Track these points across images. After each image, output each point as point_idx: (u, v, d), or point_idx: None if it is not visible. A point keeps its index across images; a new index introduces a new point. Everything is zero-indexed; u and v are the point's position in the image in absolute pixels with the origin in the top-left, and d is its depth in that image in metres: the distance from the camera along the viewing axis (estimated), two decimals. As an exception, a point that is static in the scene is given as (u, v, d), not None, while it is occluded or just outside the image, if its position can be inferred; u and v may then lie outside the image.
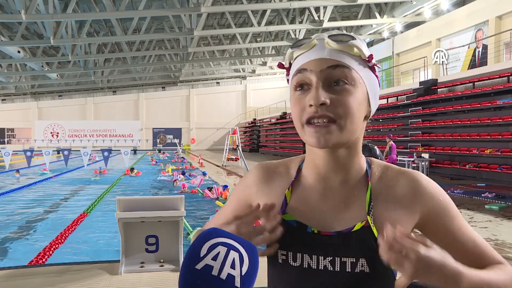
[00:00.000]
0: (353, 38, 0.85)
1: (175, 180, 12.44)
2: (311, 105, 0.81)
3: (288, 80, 0.91)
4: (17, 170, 14.98)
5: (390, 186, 0.88)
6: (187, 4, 21.38)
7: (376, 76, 0.90)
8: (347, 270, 0.81)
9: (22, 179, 13.92)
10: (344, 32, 0.87)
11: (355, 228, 0.83)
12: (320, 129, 0.81)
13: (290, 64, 0.91)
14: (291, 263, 0.85)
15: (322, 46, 0.84)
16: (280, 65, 0.93)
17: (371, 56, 0.86)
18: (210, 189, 9.93)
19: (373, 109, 0.90)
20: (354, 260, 0.81)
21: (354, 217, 0.85)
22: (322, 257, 0.83)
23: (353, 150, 0.88)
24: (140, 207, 3.86)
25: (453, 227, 0.87)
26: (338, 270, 0.82)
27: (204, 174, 14.16)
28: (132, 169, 15.21)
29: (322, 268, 0.83)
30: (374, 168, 0.92)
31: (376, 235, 0.81)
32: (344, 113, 0.81)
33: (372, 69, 0.88)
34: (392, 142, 15.35)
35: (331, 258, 0.83)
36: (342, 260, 0.82)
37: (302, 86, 0.85)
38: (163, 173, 15.09)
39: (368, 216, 0.84)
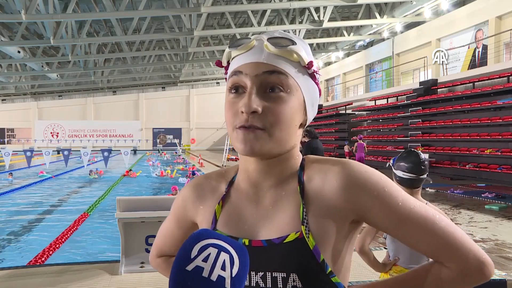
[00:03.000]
0: (294, 43, 0.80)
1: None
2: (242, 112, 0.77)
3: (226, 79, 0.86)
4: (10, 173, 14.50)
5: (321, 185, 0.80)
6: (187, 4, 21.38)
7: (316, 83, 0.85)
8: (279, 286, 0.75)
9: (22, 179, 13.92)
10: (286, 35, 0.82)
11: (288, 240, 0.76)
12: (248, 134, 0.77)
13: (228, 63, 0.86)
14: None
15: (260, 49, 0.80)
16: (218, 63, 0.88)
17: (311, 63, 0.82)
18: None
19: (310, 117, 0.86)
20: (285, 275, 0.74)
21: (287, 226, 0.78)
22: (254, 272, 0.77)
23: (287, 157, 0.84)
24: (140, 207, 3.87)
25: (396, 210, 0.77)
26: (270, 286, 0.75)
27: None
28: (129, 170, 15.21)
29: (254, 285, 0.77)
30: (307, 167, 0.85)
31: (311, 247, 0.75)
32: (275, 122, 0.77)
33: (312, 76, 0.84)
34: (361, 141, 15.52)
35: (262, 273, 0.76)
36: (273, 275, 0.75)
37: (237, 89, 0.80)
38: (162, 174, 15.01)
39: (302, 226, 0.76)
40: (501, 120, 12.42)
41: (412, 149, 2.28)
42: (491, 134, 12.83)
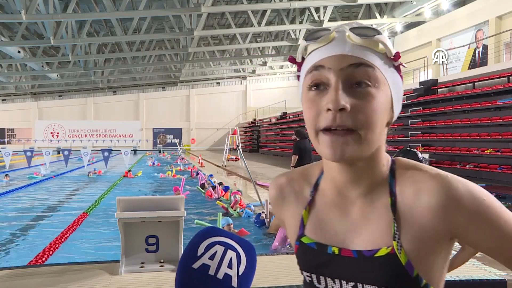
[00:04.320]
0: (379, 33, 0.73)
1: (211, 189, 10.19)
2: (328, 110, 0.70)
3: (298, 76, 0.80)
4: (6, 174, 14.04)
5: (414, 200, 0.73)
6: (187, 4, 21.39)
7: (401, 76, 0.78)
8: None
9: (22, 180, 13.91)
10: (367, 25, 0.75)
11: (379, 254, 0.74)
12: (336, 139, 0.70)
13: (303, 58, 0.79)
14: (316, 285, 0.81)
15: (343, 40, 0.73)
16: (292, 59, 0.81)
17: (397, 54, 0.75)
18: (213, 188, 9.86)
19: (396, 114, 0.79)
20: None
21: (378, 239, 0.75)
22: (345, 282, 0.77)
23: (375, 160, 0.78)
24: (140, 207, 3.86)
25: (498, 230, 0.72)
26: None
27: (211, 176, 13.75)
28: (129, 171, 15.19)
29: None
30: (399, 175, 0.78)
31: (403, 263, 0.72)
32: (365, 121, 0.70)
33: (398, 69, 0.77)
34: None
35: (353, 283, 0.76)
36: (364, 287, 0.75)
37: (317, 86, 0.73)
38: (162, 176, 14.97)
39: (394, 242, 0.73)
40: (501, 120, 12.42)
41: (409, 148, 2.26)
42: (491, 134, 12.83)
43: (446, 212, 0.71)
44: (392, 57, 0.75)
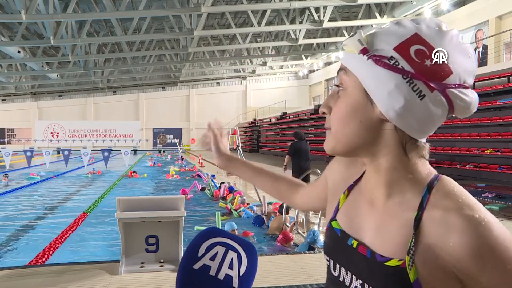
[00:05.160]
0: (355, 33, 0.77)
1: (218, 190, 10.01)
2: None
3: None
4: (5, 174, 13.90)
5: (441, 230, 0.69)
6: (187, 4, 21.38)
7: (392, 68, 0.71)
8: None
9: (21, 180, 13.90)
10: (358, 32, 0.78)
11: (389, 263, 0.73)
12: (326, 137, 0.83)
13: None
14: (332, 272, 0.85)
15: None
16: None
17: (364, 49, 0.73)
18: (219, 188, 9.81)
19: (387, 110, 0.72)
20: None
21: (393, 248, 0.74)
22: (355, 277, 0.79)
23: (391, 162, 0.77)
24: (140, 207, 3.86)
25: None
26: None
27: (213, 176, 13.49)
28: (134, 172, 15.17)
29: None
30: (434, 195, 0.73)
31: (411, 280, 0.70)
32: (333, 120, 0.79)
33: (376, 61, 0.72)
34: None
35: (362, 282, 0.77)
36: None
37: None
38: (168, 176, 14.90)
39: (407, 257, 0.71)
40: (501, 120, 12.42)
41: None
42: (491, 134, 12.83)
43: (464, 261, 0.67)
44: (360, 53, 0.74)
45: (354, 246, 0.80)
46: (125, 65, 33.48)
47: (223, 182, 10.10)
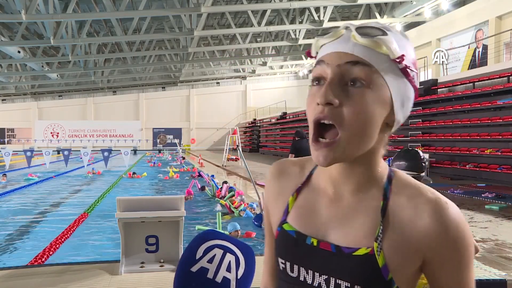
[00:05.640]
0: (384, 33, 0.73)
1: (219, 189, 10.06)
2: (318, 104, 0.72)
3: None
4: (4, 174, 13.77)
5: (409, 214, 0.75)
6: (187, 4, 21.39)
7: (410, 80, 0.75)
8: None
9: (20, 180, 13.90)
10: (378, 25, 0.75)
11: (357, 253, 0.75)
12: (320, 147, 0.73)
13: (317, 54, 0.80)
14: (289, 273, 0.82)
15: (347, 39, 0.74)
16: (308, 53, 0.82)
17: (402, 57, 0.72)
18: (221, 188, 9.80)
19: (399, 118, 0.77)
20: (349, 285, 0.74)
21: (360, 238, 0.76)
22: (318, 274, 0.78)
23: (369, 160, 0.78)
24: (140, 207, 3.86)
25: (452, 280, 0.76)
26: None
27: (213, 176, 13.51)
28: (134, 173, 15.16)
29: (317, 285, 0.78)
30: (395, 185, 0.79)
31: (380, 265, 0.73)
32: (350, 120, 0.71)
33: (405, 73, 0.74)
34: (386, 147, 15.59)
35: (326, 277, 0.77)
36: (337, 282, 0.75)
37: (319, 80, 0.75)
38: (166, 178, 14.88)
39: (375, 243, 0.74)
40: (501, 120, 12.42)
41: (410, 148, 2.28)
42: (491, 134, 12.83)
43: (430, 237, 0.73)
44: (396, 60, 0.73)
45: (315, 244, 0.79)
46: (125, 65, 33.48)
47: (225, 182, 10.10)
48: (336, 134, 0.72)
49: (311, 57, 0.81)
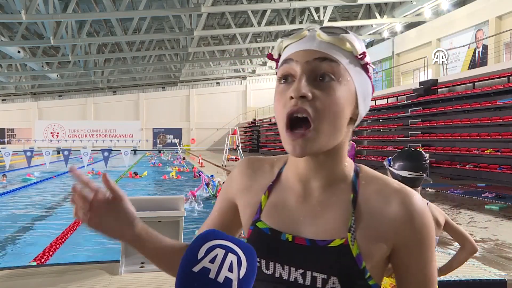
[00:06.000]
0: (347, 32, 0.78)
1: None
2: (291, 98, 0.75)
3: (277, 73, 0.84)
4: (4, 174, 13.66)
5: (378, 204, 0.79)
6: (187, 4, 21.39)
7: (369, 77, 0.82)
8: (318, 286, 0.77)
9: (19, 180, 13.89)
10: (338, 26, 0.81)
11: (332, 244, 0.78)
12: (296, 138, 0.75)
13: (280, 55, 0.84)
14: (264, 271, 0.82)
15: (313, 38, 0.79)
16: (270, 56, 0.86)
17: (364, 54, 0.79)
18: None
19: (362, 112, 0.82)
20: (325, 277, 0.76)
21: (333, 230, 0.79)
22: (294, 269, 0.79)
23: (337, 154, 0.82)
24: (140, 207, 3.86)
25: (415, 265, 0.80)
26: (309, 284, 0.77)
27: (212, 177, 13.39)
28: (135, 173, 15.16)
29: (293, 280, 0.79)
30: (362, 178, 0.83)
31: (354, 255, 0.76)
32: (324, 111, 0.74)
33: (365, 68, 0.81)
34: (351, 142, 15.71)
35: (303, 271, 0.78)
36: (313, 275, 0.77)
37: (286, 78, 0.78)
38: (165, 177, 14.89)
39: (348, 234, 0.77)
40: (501, 120, 12.42)
41: (413, 148, 2.27)
42: (491, 134, 12.83)
43: (398, 224, 0.78)
44: (359, 56, 0.79)
45: (290, 239, 0.81)
46: (125, 65, 33.48)
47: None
48: (309, 127, 0.75)
49: (273, 59, 0.85)
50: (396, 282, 0.84)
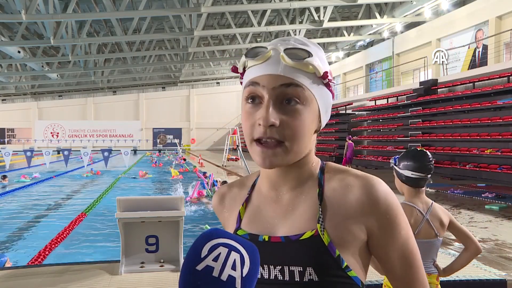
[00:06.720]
0: (310, 55, 0.82)
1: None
2: (260, 124, 0.80)
3: (241, 83, 0.89)
4: (4, 175, 13.44)
5: (342, 193, 0.85)
6: (187, 4, 21.38)
7: (330, 90, 0.88)
8: (296, 279, 0.80)
9: (18, 181, 13.89)
10: (302, 43, 0.85)
11: (304, 237, 0.82)
12: (266, 150, 0.81)
13: (244, 70, 0.88)
14: None
15: (277, 60, 0.82)
16: (234, 69, 0.90)
17: (325, 74, 0.84)
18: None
19: (323, 123, 0.90)
20: (301, 269, 0.80)
21: (304, 224, 0.84)
22: (273, 266, 0.83)
23: (304, 159, 0.88)
24: (140, 207, 3.86)
25: (392, 245, 0.84)
26: (288, 279, 0.81)
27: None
28: (146, 173, 15.13)
29: (273, 278, 0.82)
30: (327, 173, 0.90)
31: (326, 244, 0.80)
32: (292, 135, 0.80)
33: (327, 85, 0.86)
34: (350, 141, 15.82)
35: (280, 267, 0.82)
36: (291, 269, 0.81)
37: (253, 99, 0.83)
38: (173, 177, 14.85)
39: (318, 224, 0.82)
40: (501, 120, 12.42)
41: (418, 148, 2.27)
42: (491, 134, 12.83)
43: (364, 209, 0.82)
44: (321, 76, 0.84)
45: (266, 239, 0.86)
46: (125, 65, 33.46)
47: (224, 182, 10.12)
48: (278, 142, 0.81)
49: (237, 73, 0.90)
50: (383, 270, 0.87)
